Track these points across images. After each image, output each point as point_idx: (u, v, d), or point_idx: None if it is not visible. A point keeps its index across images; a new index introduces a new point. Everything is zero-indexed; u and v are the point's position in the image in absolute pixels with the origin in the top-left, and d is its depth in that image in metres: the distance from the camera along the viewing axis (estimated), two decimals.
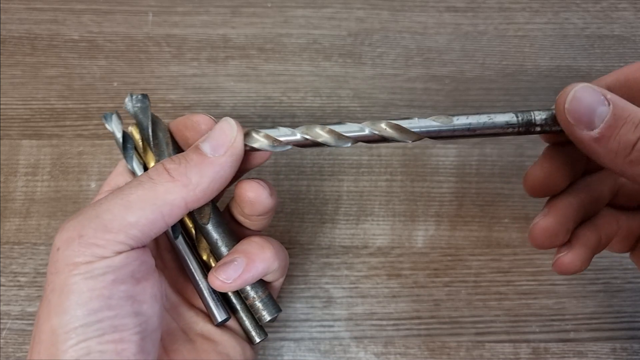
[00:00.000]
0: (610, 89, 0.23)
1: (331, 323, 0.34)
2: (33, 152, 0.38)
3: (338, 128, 0.25)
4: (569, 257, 0.26)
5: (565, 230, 0.26)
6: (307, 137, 0.25)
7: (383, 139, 0.25)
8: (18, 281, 0.35)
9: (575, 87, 0.22)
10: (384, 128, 0.24)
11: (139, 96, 0.27)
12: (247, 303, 0.27)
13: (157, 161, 0.27)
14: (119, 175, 0.27)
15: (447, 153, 0.37)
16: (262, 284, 0.27)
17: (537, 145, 0.37)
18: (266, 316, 0.27)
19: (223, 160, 0.23)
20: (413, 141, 0.25)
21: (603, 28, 0.41)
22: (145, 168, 0.27)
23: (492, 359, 0.34)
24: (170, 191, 0.23)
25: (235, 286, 0.25)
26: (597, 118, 0.21)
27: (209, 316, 0.27)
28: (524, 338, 0.34)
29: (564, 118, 0.22)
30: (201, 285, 0.27)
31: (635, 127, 0.20)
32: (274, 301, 0.27)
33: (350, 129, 0.25)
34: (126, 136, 0.27)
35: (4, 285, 0.35)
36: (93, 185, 0.37)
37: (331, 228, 0.36)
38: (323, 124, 0.25)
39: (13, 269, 0.35)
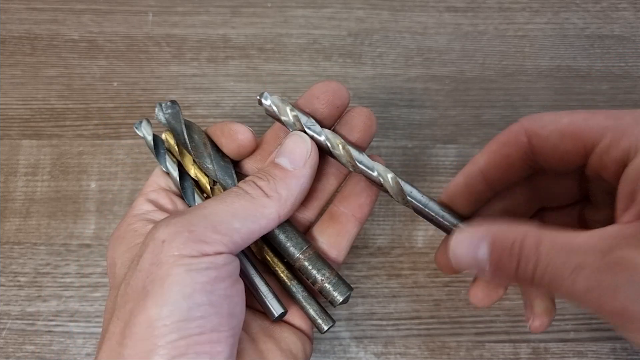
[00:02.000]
0: (485, 171, 0.24)
1: None
2: (33, 152, 0.38)
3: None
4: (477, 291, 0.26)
5: None
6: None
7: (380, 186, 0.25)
8: (18, 281, 0.35)
9: (451, 241, 0.22)
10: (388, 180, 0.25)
11: (168, 103, 0.27)
12: (316, 287, 0.26)
13: (197, 163, 0.27)
14: (159, 177, 0.28)
15: (447, 153, 0.37)
16: (327, 264, 0.26)
17: None
18: (338, 297, 0.25)
19: (304, 172, 0.25)
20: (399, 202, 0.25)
21: (603, 28, 0.41)
22: (180, 169, 0.27)
23: (492, 359, 0.34)
24: (267, 206, 0.24)
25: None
26: (482, 259, 0.21)
27: (264, 314, 0.26)
28: (524, 338, 0.34)
29: (463, 269, 0.22)
30: (255, 281, 0.26)
31: (509, 254, 0.20)
32: (344, 280, 0.26)
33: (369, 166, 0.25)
34: (157, 140, 0.27)
35: (4, 285, 0.35)
36: (93, 185, 0.37)
37: None
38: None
39: (13, 269, 0.35)
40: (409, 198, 0.25)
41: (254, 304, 0.26)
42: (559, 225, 0.27)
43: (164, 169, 0.27)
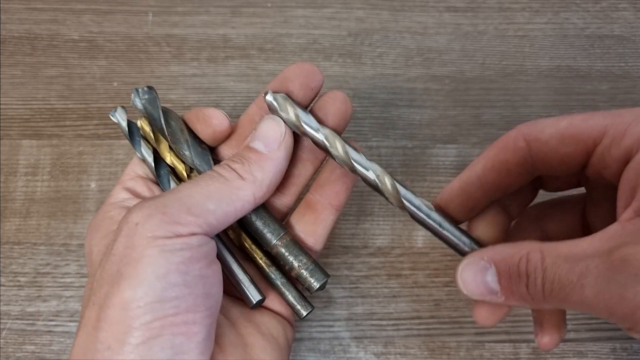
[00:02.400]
0: (481, 177, 0.24)
1: (331, 323, 0.34)
2: (33, 152, 0.38)
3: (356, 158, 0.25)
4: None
5: None
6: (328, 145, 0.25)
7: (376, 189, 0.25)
8: (18, 281, 0.35)
9: (458, 271, 0.22)
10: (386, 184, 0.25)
11: (145, 88, 0.27)
12: (293, 274, 0.26)
13: (173, 149, 0.27)
14: (136, 165, 0.28)
15: (447, 153, 0.37)
16: (304, 251, 0.26)
17: None
18: (315, 284, 0.26)
19: (279, 154, 0.25)
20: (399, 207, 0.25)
21: (603, 28, 0.41)
22: (156, 156, 0.27)
23: (492, 359, 0.34)
24: (241, 188, 0.24)
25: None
26: (492, 284, 0.21)
27: (243, 300, 0.26)
28: (524, 338, 0.34)
29: (476, 299, 0.22)
30: (233, 268, 0.26)
31: (517, 274, 0.20)
32: (320, 267, 0.26)
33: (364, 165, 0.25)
34: (132, 126, 0.27)
35: (4, 285, 0.35)
36: (93, 185, 0.37)
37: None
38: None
39: (13, 269, 0.35)
40: (404, 202, 0.25)
41: (233, 291, 0.26)
42: (561, 228, 0.28)
43: (139, 156, 0.27)
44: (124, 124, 0.27)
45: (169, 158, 0.27)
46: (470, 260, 0.22)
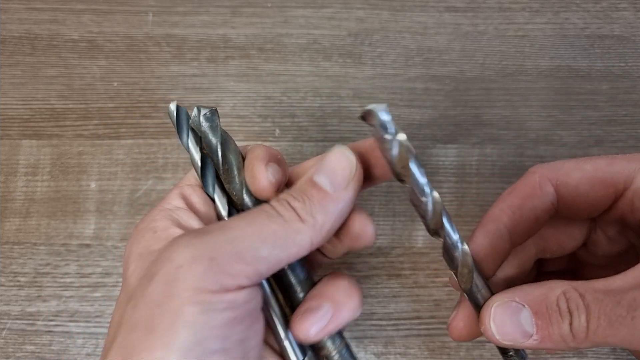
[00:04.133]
0: (511, 228, 0.23)
1: None
2: (33, 152, 0.38)
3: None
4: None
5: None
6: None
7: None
8: (18, 281, 0.35)
9: (487, 316, 0.21)
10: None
11: (208, 113, 0.24)
12: (322, 353, 0.23)
13: (226, 188, 0.24)
14: (190, 184, 0.25)
15: (447, 153, 0.37)
16: (339, 332, 0.24)
17: (537, 145, 0.37)
18: None
19: (345, 195, 0.22)
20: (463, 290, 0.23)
21: (603, 28, 0.41)
22: (222, 188, 0.24)
23: (492, 359, 0.34)
24: (300, 231, 0.21)
25: (318, 338, 0.22)
26: (527, 326, 0.20)
27: (281, 354, 0.24)
28: None
29: (506, 344, 0.21)
30: (277, 323, 0.23)
31: (558, 313, 0.20)
32: (352, 352, 0.24)
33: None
34: (205, 159, 0.24)
35: (4, 285, 0.35)
36: (93, 185, 0.37)
37: None
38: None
39: (13, 269, 0.35)
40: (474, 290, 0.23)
41: (271, 342, 0.24)
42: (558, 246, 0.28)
43: (212, 197, 0.24)
44: (197, 158, 0.24)
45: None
46: (500, 304, 0.21)
